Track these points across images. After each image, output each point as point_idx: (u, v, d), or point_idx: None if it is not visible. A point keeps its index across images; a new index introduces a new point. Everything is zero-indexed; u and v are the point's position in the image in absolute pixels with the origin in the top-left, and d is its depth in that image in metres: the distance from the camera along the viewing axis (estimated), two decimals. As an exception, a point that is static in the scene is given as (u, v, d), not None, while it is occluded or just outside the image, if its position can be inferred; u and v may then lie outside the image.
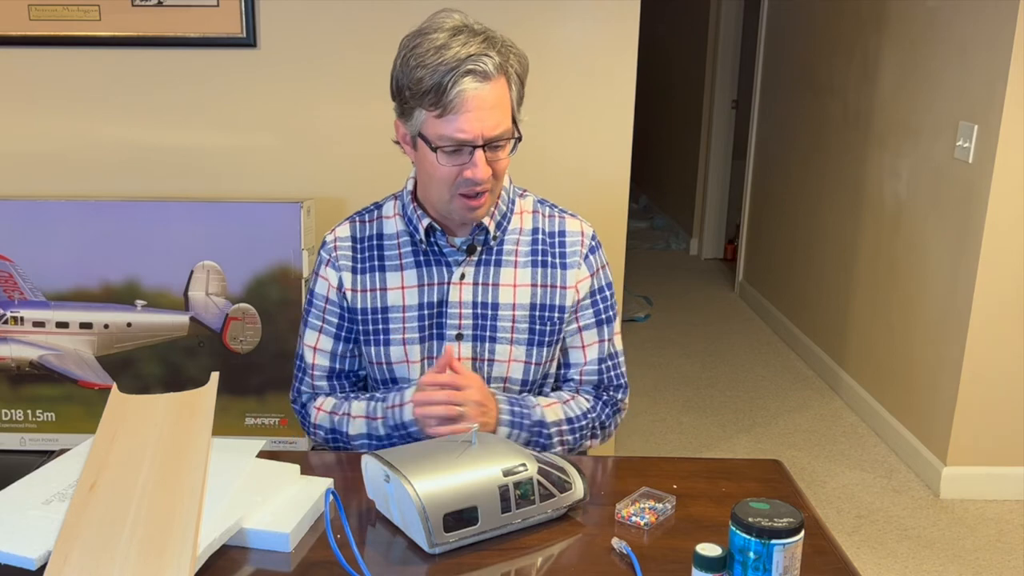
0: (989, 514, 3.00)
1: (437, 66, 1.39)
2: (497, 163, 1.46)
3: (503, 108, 1.43)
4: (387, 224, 1.61)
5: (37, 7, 2.43)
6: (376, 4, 2.49)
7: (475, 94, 1.39)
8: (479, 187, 1.46)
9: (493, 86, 1.41)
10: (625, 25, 2.52)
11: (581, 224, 1.64)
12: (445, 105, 1.40)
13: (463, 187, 1.46)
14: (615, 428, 1.70)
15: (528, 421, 1.55)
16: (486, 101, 1.40)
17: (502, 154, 1.46)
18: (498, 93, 1.42)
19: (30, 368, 2.42)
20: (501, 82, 1.42)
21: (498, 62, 1.41)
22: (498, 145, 1.45)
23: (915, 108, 3.34)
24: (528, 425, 1.55)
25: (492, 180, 1.47)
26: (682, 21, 6.41)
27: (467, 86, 1.39)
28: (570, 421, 1.60)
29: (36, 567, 1.17)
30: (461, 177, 1.45)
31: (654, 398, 3.90)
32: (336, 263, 1.62)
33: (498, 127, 1.43)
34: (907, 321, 3.38)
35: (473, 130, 1.41)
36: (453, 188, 1.47)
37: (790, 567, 1.13)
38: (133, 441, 1.36)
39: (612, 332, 1.67)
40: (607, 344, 1.67)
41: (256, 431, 2.43)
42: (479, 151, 1.43)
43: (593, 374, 1.67)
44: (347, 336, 1.63)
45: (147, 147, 2.55)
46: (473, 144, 1.42)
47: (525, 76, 1.48)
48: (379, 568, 1.24)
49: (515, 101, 1.47)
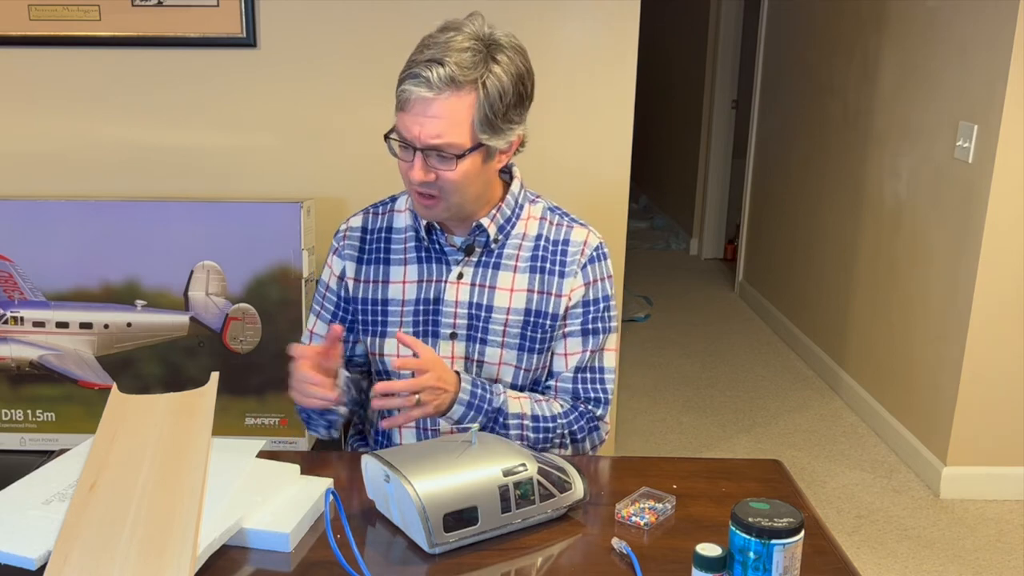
0: (989, 514, 3.00)
1: (410, 64, 1.43)
2: (442, 172, 1.44)
3: (451, 120, 1.40)
4: (398, 218, 1.63)
5: (37, 7, 2.43)
6: (376, 4, 2.48)
7: (418, 98, 1.40)
8: (419, 189, 1.47)
9: (442, 97, 1.39)
10: (625, 25, 2.52)
11: (587, 234, 1.61)
12: (399, 99, 1.44)
13: (411, 186, 1.48)
14: (592, 447, 1.64)
15: (488, 407, 1.53)
16: (428, 108, 1.40)
17: (450, 166, 1.43)
18: (447, 105, 1.40)
19: (30, 368, 2.42)
20: (456, 96, 1.40)
21: (450, 75, 1.38)
22: (443, 155, 1.43)
23: (915, 108, 3.34)
24: (487, 411, 1.53)
25: (440, 188, 1.46)
26: (682, 21, 6.41)
27: (410, 87, 1.41)
28: (535, 419, 1.57)
29: (36, 567, 1.17)
30: (407, 175, 1.47)
31: (654, 398, 3.90)
32: (342, 252, 1.65)
33: (439, 137, 1.41)
34: (907, 321, 3.38)
35: (411, 131, 1.42)
36: (408, 183, 1.49)
37: (790, 567, 1.13)
38: (133, 441, 1.36)
39: (600, 345, 1.62)
40: (590, 356, 1.62)
41: (256, 431, 2.43)
42: (418, 155, 1.43)
43: (568, 382, 1.62)
44: (341, 324, 1.63)
45: (147, 147, 2.55)
46: (412, 145, 1.43)
47: (508, 95, 1.43)
48: (379, 568, 1.24)
49: (479, 117, 1.42)
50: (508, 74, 1.43)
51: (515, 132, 1.49)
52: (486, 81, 1.40)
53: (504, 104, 1.43)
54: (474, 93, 1.40)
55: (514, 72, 1.44)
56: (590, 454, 1.65)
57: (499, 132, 1.45)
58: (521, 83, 1.45)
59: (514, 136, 1.49)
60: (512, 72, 1.43)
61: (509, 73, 1.43)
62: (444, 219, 1.55)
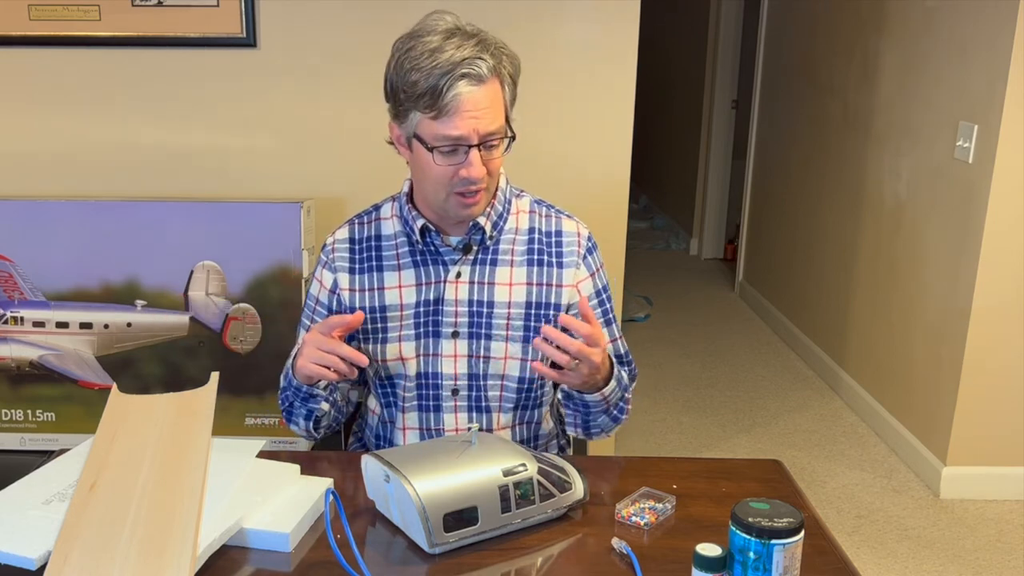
0: (989, 514, 3.01)
1: (432, 69, 1.41)
2: (491, 162, 1.49)
3: (496, 108, 1.46)
4: (385, 225, 1.64)
5: (37, 7, 2.43)
6: (376, 4, 2.49)
7: (470, 96, 1.42)
8: (475, 185, 1.48)
9: (487, 88, 1.43)
10: (625, 25, 2.52)
11: (577, 225, 1.66)
12: (441, 108, 1.42)
13: (459, 186, 1.48)
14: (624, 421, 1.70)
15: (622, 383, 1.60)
16: (481, 103, 1.43)
17: (496, 153, 1.49)
18: (492, 94, 1.45)
19: (30, 368, 2.42)
20: (495, 84, 1.45)
21: (492, 65, 1.44)
22: (492, 144, 1.47)
23: (915, 108, 3.34)
24: (624, 386, 1.62)
25: (487, 178, 1.50)
26: (682, 21, 6.41)
27: (462, 89, 1.41)
28: (625, 388, 1.65)
29: (36, 567, 1.18)
30: (457, 177, 1.47)
31: (654, 398, 3.90)
32: (332, 265, 1.64)
33: (492, 125, 1.45)
34: (907, 321, 3.38)
35: (469, 130, 1.43)
36: (449, 187, 1.48)
37: (790, 567, 1.13)
38: (133, 441, 1.36)
39: (616, 333, 1.69)
40: (616, 344, 1.68)
41: (256, 431, 2.43)
42: (475, 151, 1.45)
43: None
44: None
45: (147, 147, 2.55)
46: (469, 143, 1.44)
47: (517, 76, 1.51)
48: (379, 568, 1.24)
49: (508, 101, 1.49)
50: (510, 57, 1.50)
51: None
52: (505, 67, 1.47)
53: (516, 83, 1.51)
54: (498, 79, 1.46)
55: (511, 53, 1.51)
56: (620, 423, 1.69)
57: (511, 114, 1.52)
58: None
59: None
60: (511, 54, 1.51)
61: (510, 56, 1.50)
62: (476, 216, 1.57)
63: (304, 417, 1.63)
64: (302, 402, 1.61)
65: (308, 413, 1.62)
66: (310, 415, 1.63)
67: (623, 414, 1.64)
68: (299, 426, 1.66)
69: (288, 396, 1.63)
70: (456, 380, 1.61)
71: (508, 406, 1.63)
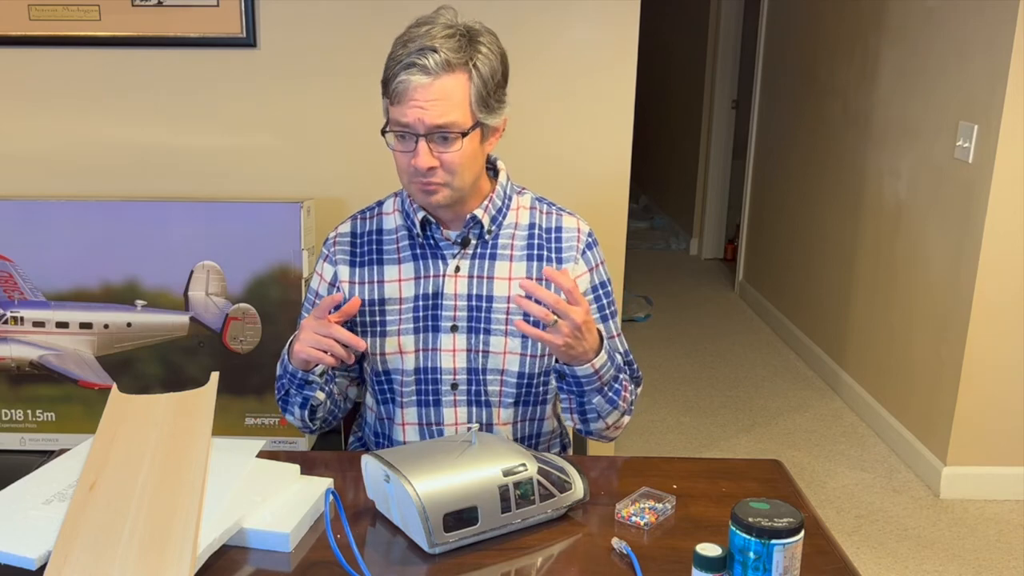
0: (989, 514, 3.01)
1: (398, 57, 1.46)
2: (445, 155, 1.49)
3: (451, 102, 1.46)
4: (386, 220, 1.66)
5: (37, 7, 2.43)
6: (376, 4, 2.48)
7: (418, 85, 1.44)
8: (423, 177, 1.49)
9: (442, 81, 1.45)
10: (625, 25, 2.52)
11: (578, 221, 1.67)
12: (392, 94, 1.47)
13: (414, 176, 1.50)
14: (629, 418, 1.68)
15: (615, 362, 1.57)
16: (430, 94, 1.45)
17: (453, 147, 1.48)
18: (448, 88, 1.45)
19: (30, 368, 2.42)
20: (455, 77, 1.46)
21: (447, 59, 1.44)
22: (445, 137, 1.47)
23: (915, 108, 3.34)
24: (619, 365, 1.58)
25: (444, 172, 1.50)
26: (682, 21, 6.42)
27: (407, 77, 1.44)
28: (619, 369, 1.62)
29: (36, 567, 1.18)
30: (411, 166, 1.49)
31: (654, 398, 3.90)
32: (333, 258, 1.66)
33: (443, 117, 1.46)
34: (907, 321, 3.38)
35: (414, 119, 1.45)
36: (409, 175, 1.51)
37: (790, 567, 1.13)
38: (133, 441, 1.36)
39: (614, 330, 1.69)
40: (615, 340, 1.68)
41: (256, 431, 2.43)
42: (422, 141, 1.47)
43: None
44: None
45: (147, 147, 2.55)
46: (415, 132, 1.46)
47: (498, 74, 1.51)
48: (379, 568, 1.24)
49: (476, 96, 1.48)
50: (494, 54, 1.51)
51: (504, 110, 1.55)
52: (477, 62, 1.48)
53: (495, 82, 1.51)
54: (466, 74, 1.47)
55: (498, 52, 1.52)
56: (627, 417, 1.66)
57: (493, 110, 1.52)
58: (504, 63, 1.54)
59: (503, 114, 1.55)
60: (496, 52, 1.52)
61: (495, 53, 1.51)
62: (444, 208, 1.57)
63: (299, 405, 1.63)
64: (298, 389, 1.60)
65: (304, 401, 1.62)
66: (305, 403, 1.62)
67: (619, 398, 1.58)
68: (294, 415, 1.65)
69: (284, 384, 1.62)
70: (455, 374, 1.61)
71: (508, 401, 1.63)
